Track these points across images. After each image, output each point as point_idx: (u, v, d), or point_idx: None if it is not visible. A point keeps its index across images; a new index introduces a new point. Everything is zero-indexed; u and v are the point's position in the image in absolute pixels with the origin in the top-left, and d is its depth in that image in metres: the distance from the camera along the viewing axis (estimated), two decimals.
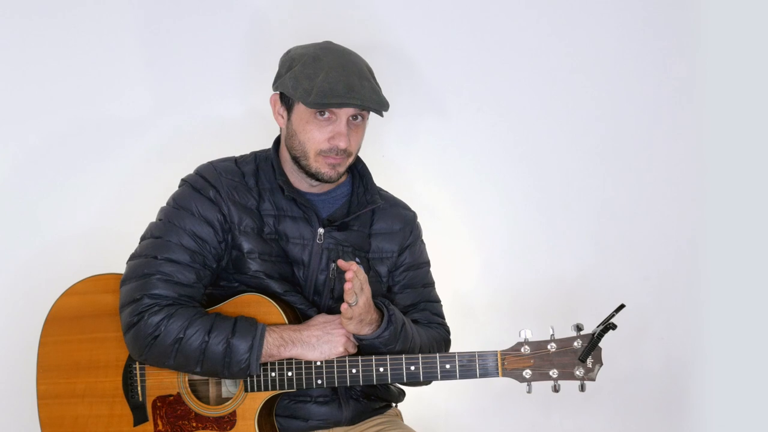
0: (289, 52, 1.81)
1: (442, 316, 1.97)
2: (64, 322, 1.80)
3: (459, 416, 2.37)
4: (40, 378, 1.80)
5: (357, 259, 1.83)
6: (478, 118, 2.40)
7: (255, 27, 2.34)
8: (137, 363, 1.76)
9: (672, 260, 2.41)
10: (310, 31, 1.97)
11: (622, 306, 1.64)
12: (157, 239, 1.74)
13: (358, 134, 1.78)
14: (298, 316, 1.78)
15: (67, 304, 1.80)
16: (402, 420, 1.99)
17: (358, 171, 1.90)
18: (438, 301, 1.97)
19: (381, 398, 1.91)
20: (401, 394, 1.97)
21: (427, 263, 1.97)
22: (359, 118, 1.76)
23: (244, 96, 2.35)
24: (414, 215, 1.96)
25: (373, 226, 1.88)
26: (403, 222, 1.92)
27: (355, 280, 1.61)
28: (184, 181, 1.81)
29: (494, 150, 2.42)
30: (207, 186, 1.77)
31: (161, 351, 1.67)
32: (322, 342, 1.69)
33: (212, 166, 1.81)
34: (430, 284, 1.97)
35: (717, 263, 2.38)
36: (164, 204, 1.80)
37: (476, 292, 2.39)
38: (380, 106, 1.72)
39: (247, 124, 2.32)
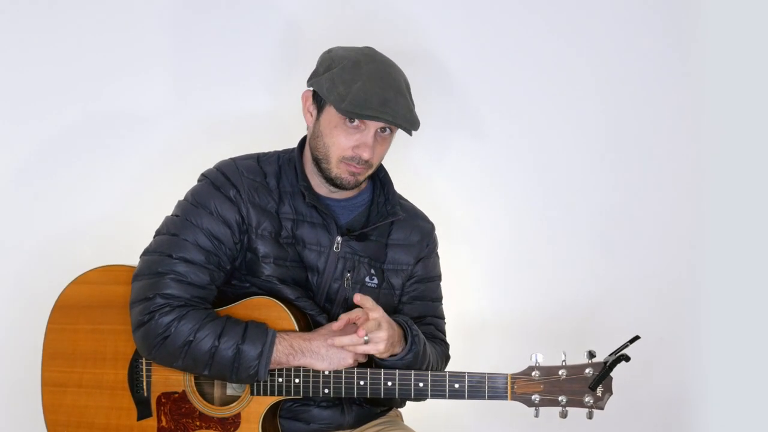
0: (330, 51, 1.76)
1: (445, 334, 1.95)
2: (72, 310, 1.79)
3: (459, 417, 2.37)
4: (45, 365, 1.80)
5: (372, 270, 1.81)
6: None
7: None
8: (144, 358, 1.74)
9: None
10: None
11: (636, 337, 1.63)
12: (172, 236, 1.71)
13: (383, 147, 1.75)
14: (309, 323, 1.77)
15: (75, 293, 1.79)
16: (402, 420, 1.99)
17: (379, 179, 1.87)
18: (443, 318, 1.95)
19: (383, 403, 1.91)
20: (403, 400, 1.96)
21: (439, 277, 1.95)
22: (388, 131, 1.73)
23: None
24: (432, 227, 1.94)
25: (391, 236, 1.85)
26: (421, 234, 1.89)
27: (370, 323, 1.63)
28: (204, 177, 1.77)
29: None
30: (227, 184, 1.73)
31: (170, 352, 1.65)
32: (331, 353, 1.67)
33: (234, 163, 1.77)
34: (438, 299, 1.94)
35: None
36: (181, 198, 1.77)
37: (488, 311, 2.38)
38: (411, 125, 1.68)
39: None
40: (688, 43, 2.36)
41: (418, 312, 1.89)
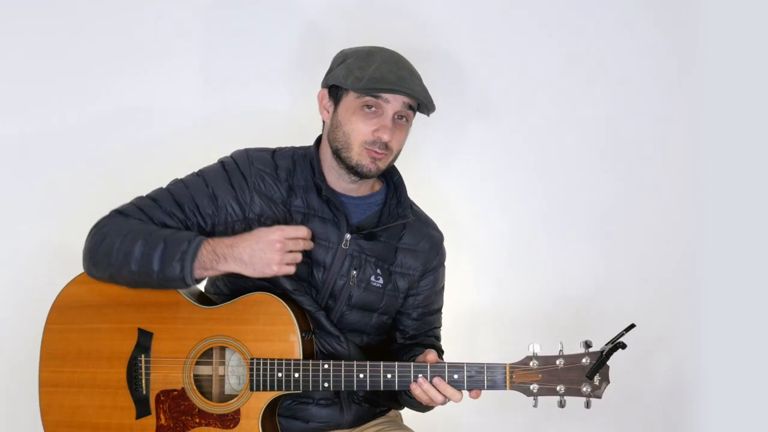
0: (342, 51, 1.82)
1: (440, 339, 1.98)
2: (70, 310, 1.79)
3: (459, 416, 2.37)
4: (43, 365, 1.79)
5: (378, 270, 1.82)
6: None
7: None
8: (143, 356, 1.74)
9: (683, 276, 2.42)
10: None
11: (632, 326, 1.64)
12: (161, 188, 1.78)
13: (401, 133, 1.78)
14: (307, 319, 1.78)
15: (73, 293, 1.79)
16: (402, 421, 2.00)
17: (393, 182, 1.89)
18: (441, 325, 1.98)
19: (381, 404, 1.92)
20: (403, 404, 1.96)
21: (443, 287, 1.97)
22: (404, 118, 1.76)
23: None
24: (441, 237, 1.95)
25: (402, 240, 1.87)
26: (431, 243, 1.91)
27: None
28: (220, 161, 1.82)
29: (505, 160, 2.43)
30: (236, 171, 1.77)
31: (106, 250, 1.68)
32: (255, 260, 1.64)
33: (246, 153, 1.81)
34: (440, 308, 1.97)
35: (729, 278, 2.37)
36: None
37: (486, 304, 2.39)
38: (428, 101, 1.73)
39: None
40: (691, 43, 2.41)
41: (427, 327, 1.92)
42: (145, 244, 1.65)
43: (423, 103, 1.74)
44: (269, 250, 1.63)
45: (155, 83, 2.30)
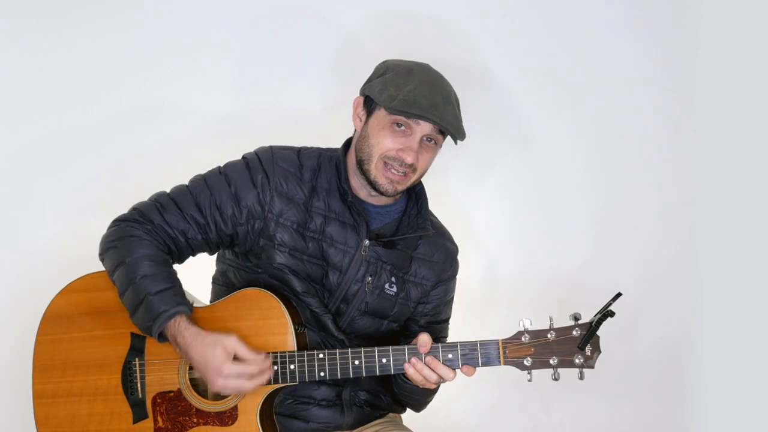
0: (385, 61, 1.82)
1: None
2: (61, 320, 1.78)
3: (459, 417, 2.38)
4: (36, 377, 1.78)
5: (393, 278, 1.83)
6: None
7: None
8: (137, 360, 1.74)
9: (668, 251, 2.45)
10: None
11: (619, 294, 1.66)
12: (183, 186, 1.79)
13: (427, 156, 1.77)
14: (298, 313, 1.78)
15: (64, 302, 1.79)
16: (401, 421, 2.00)
17: (415, 192, 1.89)
18: (448, 336, 1.99)
19: (383, 408, 1.92)
20: (403, 406, 1.97)
21: (453, 299, 1.98)
22: (433, 141, 1.76)
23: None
24: (456, 250, 1.96)
25: (417, 250, 1.88)
26: (446, 255, 1.92)
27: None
28: (244, 157, 1.82)
29: (496, 146, 2.46)
30: (259, 169, 1.78)
31: (109, 263, 1.73)
32: (202, 372, 1.66)
33: (271, 150, 1.82)
34: (448, 319, 1.98)
35: (712, 254, 2.41)
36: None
37: (477, 283, 2.41)
38: (457, 131, 1.73)
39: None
40: (687, 40, 2.45)
41: (433, 334, 1.88)
42: (132, 290, 1.68)
43: (450, 132, 1.73)
44: (215, 374, 1.63)
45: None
